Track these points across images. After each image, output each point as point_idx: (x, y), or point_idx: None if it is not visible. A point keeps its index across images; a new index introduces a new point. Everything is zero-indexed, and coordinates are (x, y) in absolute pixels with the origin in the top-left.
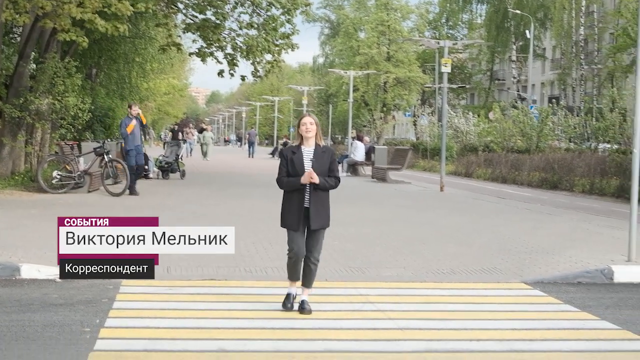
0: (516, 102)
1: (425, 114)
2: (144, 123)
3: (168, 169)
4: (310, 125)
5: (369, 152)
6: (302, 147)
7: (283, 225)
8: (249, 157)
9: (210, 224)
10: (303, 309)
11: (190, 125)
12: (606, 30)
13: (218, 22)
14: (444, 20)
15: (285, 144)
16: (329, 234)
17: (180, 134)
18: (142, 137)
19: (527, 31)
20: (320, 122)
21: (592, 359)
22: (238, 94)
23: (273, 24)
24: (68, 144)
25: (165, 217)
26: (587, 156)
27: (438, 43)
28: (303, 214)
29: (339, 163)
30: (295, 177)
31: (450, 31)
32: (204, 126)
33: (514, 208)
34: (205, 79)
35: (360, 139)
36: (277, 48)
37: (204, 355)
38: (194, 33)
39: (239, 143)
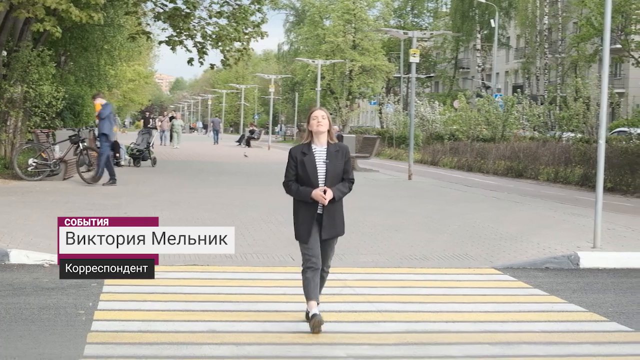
0: (480, 90)
1: (391, 102)
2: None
3: (139, 156)
4: (322, 119)
5: (338, 140)
6: (313, 145)
7: (298, 238)
8: (215, 143)
9: (188, 210)
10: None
11: (165, 113)
12: (570, 20)
13: (188, 10)
14: (409, 9)
15: (252, 132)
16: None
17: (151, 121)
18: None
19: (492, 20)
20: (286, 110)
21: (561, 339)
22: (202, 81)
23: (243, 13)
24: (43, 132)
25: (142, 205)
26: (552, 145)
27: (406, 34)
28: (316, 220)
29: None
30: (305, 188)
31: (416, 19)
32: (174, 114)
33: (481, 196)
34: (169, 65)
35: None
36: (246, 37)
37: (195, 336)
38: (164, 22)
39: (204, 130)
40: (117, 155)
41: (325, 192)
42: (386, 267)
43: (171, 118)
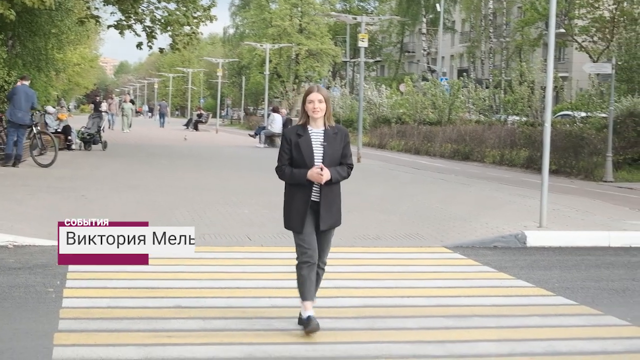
0: (426, 74)
1: (338, 86)
2: None
3: (90, 140)
4: (319, 103)
5: (286, 124)
6: (309, 127)
7: (288, 226)
8: (161, 127)
9: (146, 194)
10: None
11: (112, 96)
12: (514, 4)
13: None
14: None
15: (200, 115)
16: (261, 203)
17: (102, 105)
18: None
19: (437, 4)
20: (232, 94)
21: (511, 312)
22: (147, 64)
23: None
24: None
25: (100, 188)
26: (498, 128)
27: (355, 19)
28: (311, 208)
29: (256, 135)
30: (300, 170)
31: (362, 3)
32: (126, 97)
33: (429, 178)
34: (113, 48)
35: (277, 111)
36: (195, 20)
37: (163, 311)
38: (113, 5)
39: (149, 114)
40: (69, 138)
41: (322, 170)
42: (341, 247)
43: (129, 101)
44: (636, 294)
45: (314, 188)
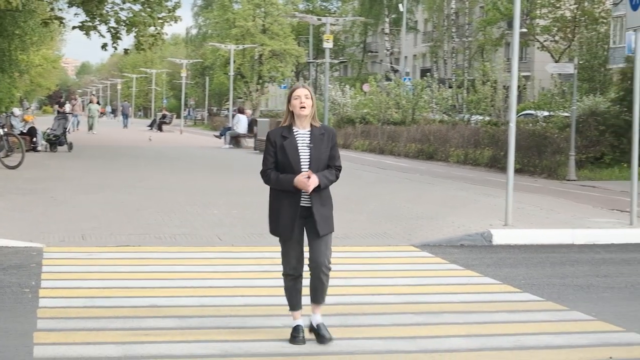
0: (389, 74)
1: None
2: None
3: (56, 142)
4: (305, 99)
5: (251, 124)
6: (294, 128)
7: (273, 232)
8: (124, 127)
9: (115, 195)
10: (321, 336)
11: (76, 97)
12: (477, 4)
13: None
14: None
15: (164, 117)
16: (229, 204)
17: (66, 106)
18: None
19: (400, 5)
20: (196, 95)
21: (479, 308)
22: (109, 65)
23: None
24: None
25: (69, 189)
26: (461, 128)
27: (320, 19)
28: (300, 214)
29: (221, 136)
30: (286, 175)
31: (324, 3)
32: (92, 98)
33: (395, 178)
34: (74, 49)
35: (242, 112)
36: (160, 21)
37: (138, 310)
38: (78, 7)
39: (112, 115)
40: (35, 140)
41: (309, 177)
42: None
43: (88, 102)
44: (600, 289)
45: (302, 192)
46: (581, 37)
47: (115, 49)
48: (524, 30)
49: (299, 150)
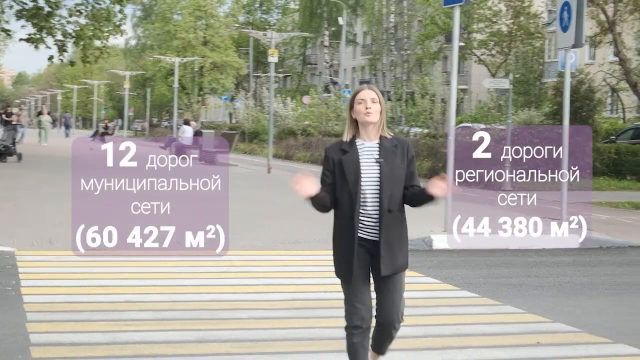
0: (328, 86)
1: (242, 98)
2: None
3: (5, 152)
4: (372, 103)
5: (196, 135)
6: (358, 141)
7: (337, 273)
8: (66, 137)
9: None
10: None
11: (22, 107)
12: (415, 18)
13: (50, 9)
14: (258, 5)
15: (106, 127)
16: (188, 210)
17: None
18: None
19: (339, 17)
20: (136, 105)
21: (423, 304)
22: (47, 75)
23: (106, 15)
24: None
25: (31, 197)
26: None
27: (266, 34)
28: (362, 247)
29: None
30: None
31: (264, 16)
32: (42, 109)
33: None
34: (10, 59)
35: (188, 123)
36: (105, 34)
37: (116, 305)
38: (27, 20)
39: (52, 125)
40: None
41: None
42: (265, 250)
43: (38, 113)
44: (531, 288)
45: (361, 219)
46: (517, 51)
47: (62, 61)
48: (462, 44)
49: (362, 167)
